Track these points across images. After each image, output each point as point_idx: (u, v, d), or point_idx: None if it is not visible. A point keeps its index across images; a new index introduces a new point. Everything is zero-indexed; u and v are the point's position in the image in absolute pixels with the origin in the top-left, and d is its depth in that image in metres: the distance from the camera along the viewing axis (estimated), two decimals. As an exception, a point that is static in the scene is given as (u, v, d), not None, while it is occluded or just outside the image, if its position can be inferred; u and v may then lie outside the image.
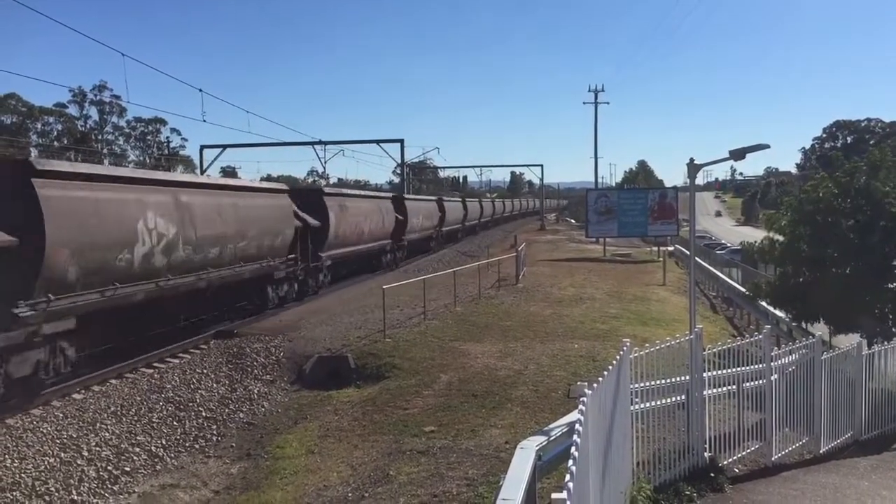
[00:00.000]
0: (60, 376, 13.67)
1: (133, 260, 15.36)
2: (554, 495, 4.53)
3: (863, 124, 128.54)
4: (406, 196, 45.48)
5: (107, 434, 12.19)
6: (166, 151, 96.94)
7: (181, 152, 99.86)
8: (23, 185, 12.61)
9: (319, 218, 26.50)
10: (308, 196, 27.26)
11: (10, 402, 12.33)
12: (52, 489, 10.25)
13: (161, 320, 17.84)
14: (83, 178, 14.32)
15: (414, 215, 42.35)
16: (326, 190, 31.21)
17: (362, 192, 41.71)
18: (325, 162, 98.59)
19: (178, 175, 28.57)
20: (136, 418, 13.07)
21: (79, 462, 11.11)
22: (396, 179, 73.45)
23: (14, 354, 12.34)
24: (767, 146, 12.16)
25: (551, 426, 7.55)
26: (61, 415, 12.52)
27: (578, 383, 12.70)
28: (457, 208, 61.09)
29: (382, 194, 45.22)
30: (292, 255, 23.92)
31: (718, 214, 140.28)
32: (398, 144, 55.86)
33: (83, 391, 13.77)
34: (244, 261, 20.57)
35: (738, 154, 11.77)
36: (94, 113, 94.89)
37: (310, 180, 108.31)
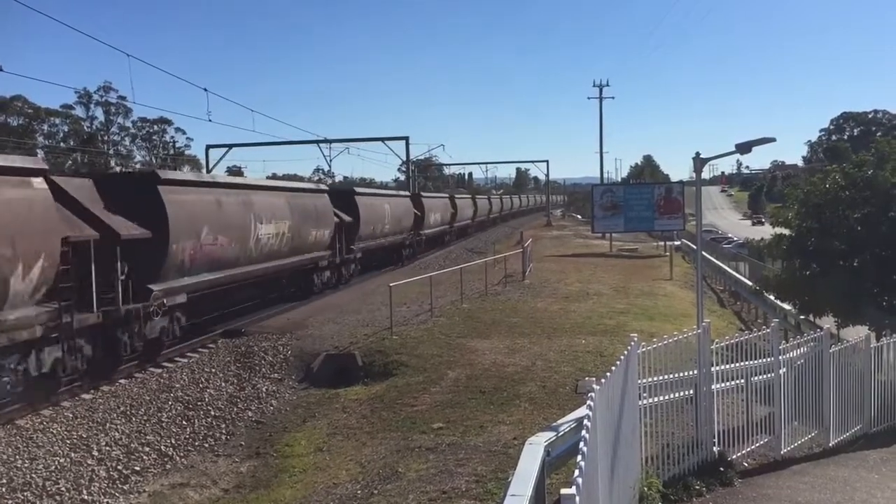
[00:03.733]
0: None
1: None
2: (563, 490, 4.54)
3: (870, 116, 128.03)
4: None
5: (116, 434, 12.24)
6: (172, 151, 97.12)
7: (187, 152, 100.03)
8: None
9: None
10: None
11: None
12: (63, 489, 10.31)
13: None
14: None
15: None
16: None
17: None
18: (331, 160, 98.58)
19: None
20: (145, 418, 13.13)
21: (89, 462, 11.16)
22: (402, 177, 73.59)
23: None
24: (773, 139, 12.12)
25: (559, 422, 7.56)
26: (71, 415, 12.58)
27: (586, 379, 12.72)
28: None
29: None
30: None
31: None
32: (403, 142, 55.85)
33: (93, 391, 13.83)
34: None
35: (744, 147, 11.75)
36: (99, 114, 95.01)
37: (315, 178, 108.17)
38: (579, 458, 4.96)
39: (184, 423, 13.37)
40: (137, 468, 11.41)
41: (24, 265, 12.02)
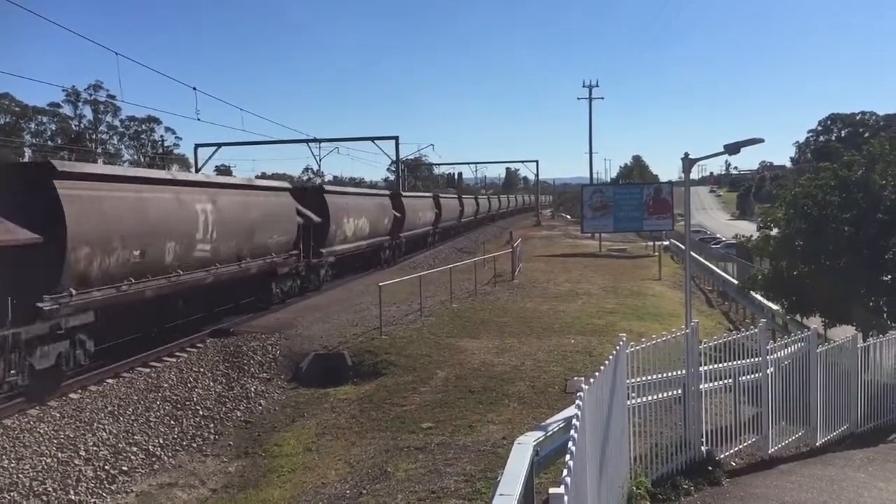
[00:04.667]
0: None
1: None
2: (552, 490, 4.54)
3: (857, 117, 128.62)
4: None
5: (104, 434, 12.18)
6: (161, 150, 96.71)
7: (176, 151, 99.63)
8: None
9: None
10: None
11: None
12: (50, 489, 10.26)
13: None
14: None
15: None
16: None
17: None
18: (320, 159, 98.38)
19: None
20: (133, 418, 13.07)
21: (76, 462, 11.11)
22: (392, 176, 73.56)
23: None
24: (762, 140, 12.17)
25: (548, 421, 7.56)
26: (58, 415, 12.50)
27: (575, 378, 12.73)
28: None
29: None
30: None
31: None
32: (393, 141, 55.72)
33: (80, 391, 13.76)
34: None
35: (732, 148, 11.79)
36: (88, 112, 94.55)
37: (305, 178, 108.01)
38: (568, 457, 4.97)
39: (172, 422, 13.32)
40: (125, 468, 11.36)
41: None
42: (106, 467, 11.21)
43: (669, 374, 9.23)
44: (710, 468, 9.25)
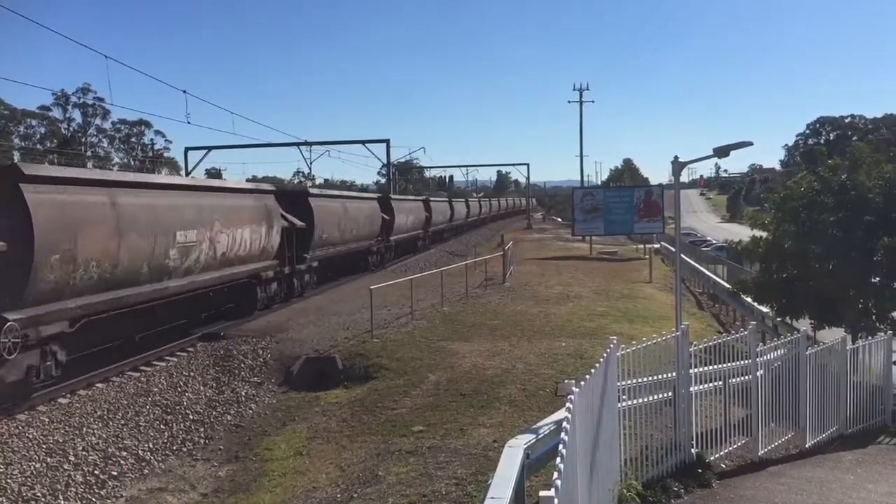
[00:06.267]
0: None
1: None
2: (542, 493, 4.55)
3: (846, 121, 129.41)
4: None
5: (93, 438, 12.12)
6: (151, 154, 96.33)
7: (166, 154, 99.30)
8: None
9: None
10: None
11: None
12: (39, 494, 10.20)
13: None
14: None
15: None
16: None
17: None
18: (311, 163, 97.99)
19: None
20: (122, 422, 13.01)
21: (65, 467, 11.05)
22: (383, 180, 73.42)
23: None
24: (750, 143, 12.26)
25: (539, 424, 7.57)
26: (47, 419, 12.44)
27: (566, 381, 12.72)
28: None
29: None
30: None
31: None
32: (384, 145, 55.86)
33: (69, 395, 13.68)
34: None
35: (721, 151, 11.87)
36: (77, 116, 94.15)
37: (296, 181, 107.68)
38: (558, 460, 4.98)
39: (162, 427, 13.26)
40: (115, 473, 11.30)
41: None
42: (95, 472, 11.15)
43: (660, 376, 9.26)
44: (700, 470, 9.28)
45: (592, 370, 7.12)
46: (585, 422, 6.53)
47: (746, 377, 10.31)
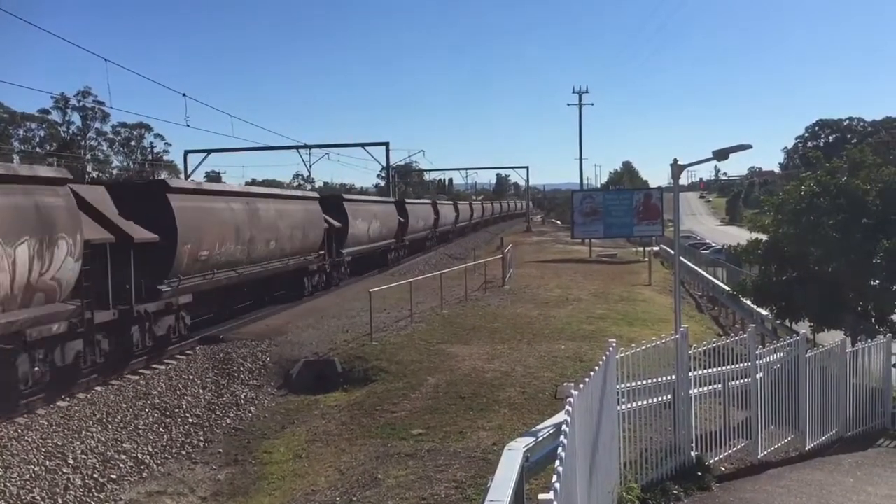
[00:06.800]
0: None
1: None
2: (541, 496, 4.54)
3: (845, 123, 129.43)
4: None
5: (92, 442, 12.11)
6: (150, 157, 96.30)
7: (165, 157, 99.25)
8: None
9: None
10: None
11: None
12: (38, 498, 10.17)
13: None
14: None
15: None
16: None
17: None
18: (310, 166, 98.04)
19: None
20: (121, 425, 13.00)
21: (64, 470, 11.03)
22: (382, 182, 73.51)
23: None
24: (750, 146, 12.27)
25: (539, 427, 7.56)
26: (46, 423, 12.42)
27: (565, 384, 12.69)
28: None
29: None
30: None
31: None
32: (383, 147, 55.89)
33: (68, 399, 13.67)
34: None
35: (721, 154, 11.88)
36: (76, 119, 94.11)
37: (295, 184, 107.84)
38: (558, 463, 4.97)
39: (161, 430, 13.25)
40: (114, 476, 11.28)
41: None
42: (94, 475, 11.13)
43: (659, 379, 9.25)
44: (699, 473, 9.27)
45: (592, 373, 7.12)
46: (585, 425, 6.52)
47: (746, 380, 10.30)
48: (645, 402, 8.96)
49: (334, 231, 29.84)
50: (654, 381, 9.15)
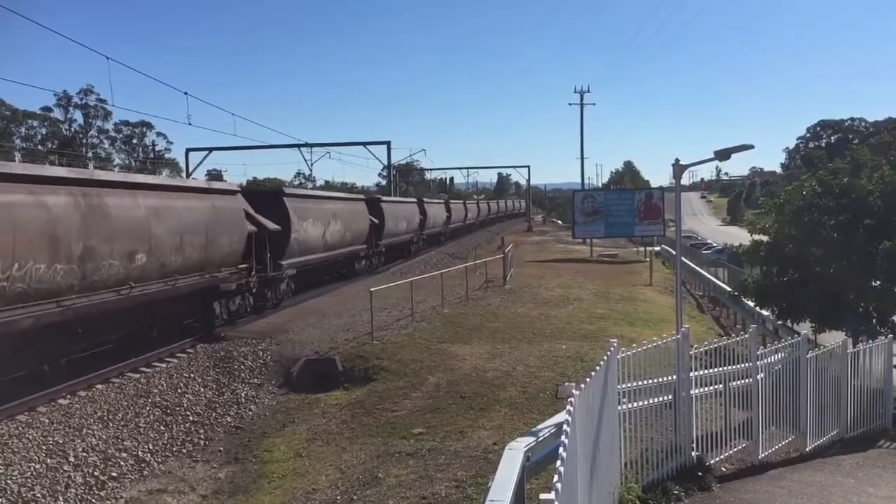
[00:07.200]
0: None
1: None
2: (542, 496, 4.54)
3: (846, 124, 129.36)
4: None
5: (93, 439, 12.11)
6: (152, 155, 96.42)
7: (167, 156, 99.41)
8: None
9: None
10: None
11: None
12: (39, 495, 10.18)
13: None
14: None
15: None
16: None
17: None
18: (312, 164, 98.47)
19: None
20: (122, 423, 13.00)
21: (65, 468, 11.03)
22: (383, 181, 73.50)
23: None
24: (752, 147, 12.24)
25: (539, 427, 7.56)
26: (47, 420, 12.43)
27: (566, 384, 12.69)
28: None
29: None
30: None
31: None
32: (385, 146, 55.88)
33: (69, 396, 13.67)
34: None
35: (722, 154, 11.85)
36: (79, 117, 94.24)
37: (296, 182, 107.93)
38: (559, 463, 4.96)
39: (162, 428, 13.25)
40: (114, 474, 11.29)
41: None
42: (95, 473, 11.14)
43: (660, 379, 9.24)
44: (700, 473, 9.26)
45: (593, 373, 7.11)
46: (586, 424, 6.52)
47: (747, 380, 10.30)
48: (646, 403, 8.96)
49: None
50: (655, 381, 9.14)
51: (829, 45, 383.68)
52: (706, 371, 9.93)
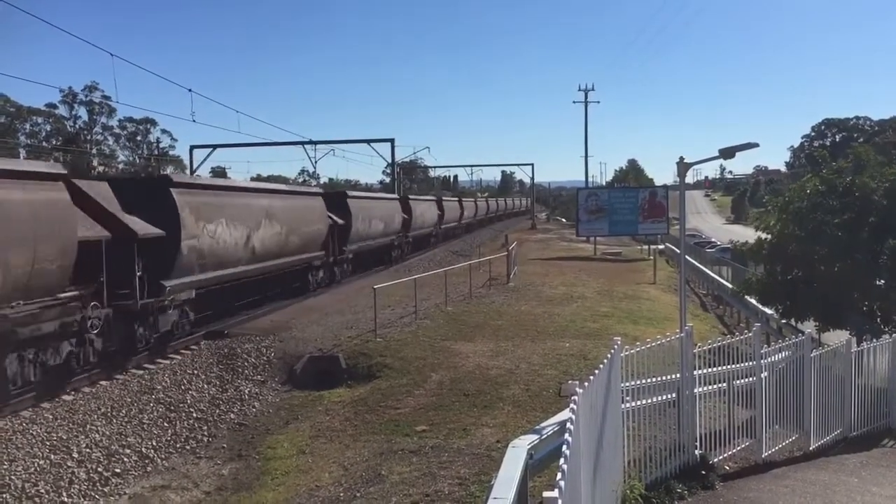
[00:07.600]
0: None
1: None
2: (545, 494, 4.54)
3: (851, 122, 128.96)
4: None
5: (97, 436, 12.14)
6: (156, 152, 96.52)
7: (171, 152, 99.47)
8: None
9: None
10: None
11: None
12: (43, 491, 10.21)
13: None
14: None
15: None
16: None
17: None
18: (316, 162, 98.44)
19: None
20: (126, 420, 13.03)
21: (69, 464, 11.06)
22: (387, 179, 73.57)
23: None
24: (756, 145, 12.20)
25: (543, 425, 7.57)
26: (51, 416, 12.46)
27: (570, 382, 12.73)
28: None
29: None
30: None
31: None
32: (388, 144, 55.79)
33: (73, 393, 13.71)
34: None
35: (727, 153, 11.82)
36: (83, 113, 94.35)
37: (300, 180, 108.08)
38: (562, 461, 4.96)
39: (165, 424, 13.28)
40: (118, 470, 11.32)
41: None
42: (99, 469, 11.17)
43: (664, 377, 9.24)
44: (703, 472, 9.25)
45: (596, 371, 7.11)
46: (589, 423, 6.52)
47: (750, 379, 10.28)
48: (649, 401, 8.95)
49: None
50: (659, 379, 9.14)
51: (833, 44, 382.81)
52: (710, 369, 9.92)
